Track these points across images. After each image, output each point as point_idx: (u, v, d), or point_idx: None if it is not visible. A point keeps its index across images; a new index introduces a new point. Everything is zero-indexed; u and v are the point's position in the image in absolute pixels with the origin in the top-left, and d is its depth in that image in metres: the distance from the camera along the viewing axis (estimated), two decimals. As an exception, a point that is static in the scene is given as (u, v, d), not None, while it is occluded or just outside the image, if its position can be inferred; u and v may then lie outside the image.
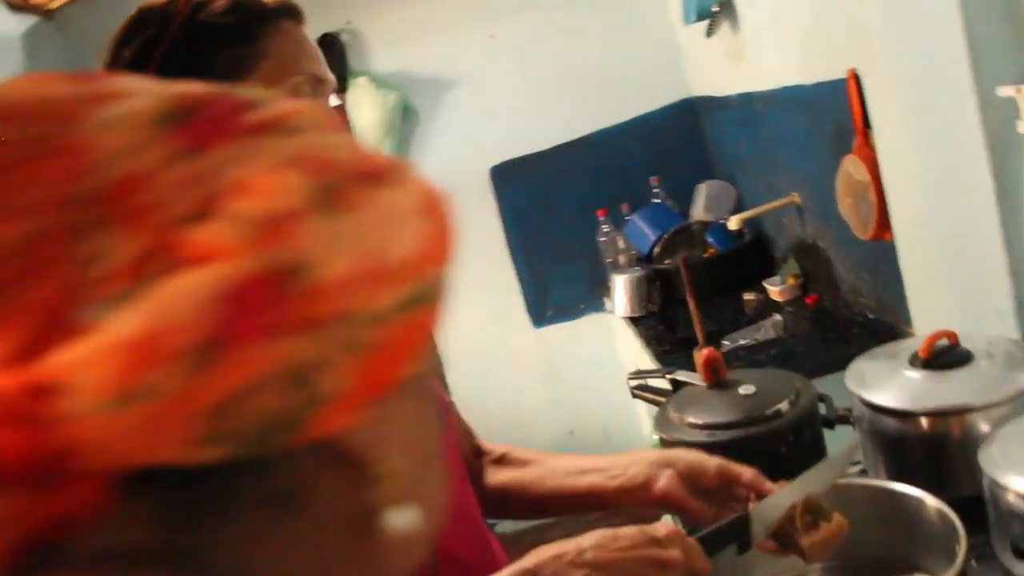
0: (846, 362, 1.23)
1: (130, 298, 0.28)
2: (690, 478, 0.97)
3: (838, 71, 1.78)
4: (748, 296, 2.61)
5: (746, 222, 2.66)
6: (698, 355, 1.25)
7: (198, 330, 0.28)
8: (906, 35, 1.46)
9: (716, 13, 2.55)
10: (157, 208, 0.30)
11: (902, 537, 0.98)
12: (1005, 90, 1.25)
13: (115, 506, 0.31)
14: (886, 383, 1.14)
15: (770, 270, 2.69)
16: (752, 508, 0.90)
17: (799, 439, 1.14)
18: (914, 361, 1.14)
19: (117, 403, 0.28)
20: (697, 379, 1.24)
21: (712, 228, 2.87)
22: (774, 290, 2.51)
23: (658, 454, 1.01)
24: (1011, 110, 1.25)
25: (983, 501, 0.96)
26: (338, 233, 0.31)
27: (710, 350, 1.20)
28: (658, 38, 3.24)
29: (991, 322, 1.37)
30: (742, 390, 1.17)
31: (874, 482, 1.03)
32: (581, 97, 3.32)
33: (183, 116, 0.33)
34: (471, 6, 3.27)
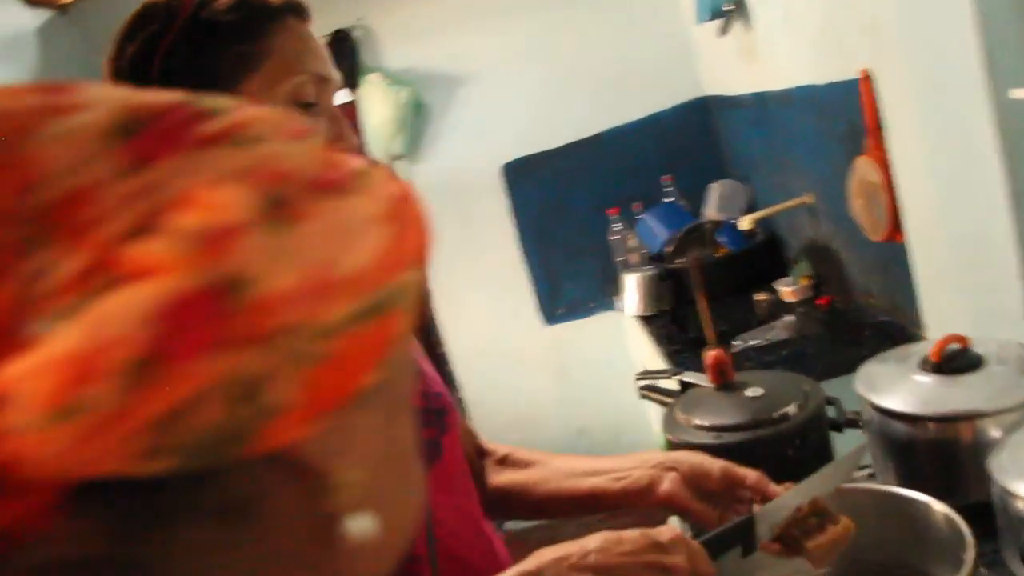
0: (857, 364, 1.22)
1: (73, 313, 0.29)
2: (694, 481, 0.97)
3: (851, 71, 1.76)
4: (760, 297, 2.60)
5: (758, 222, 2.65)
6: (707, 356, 1.24)
7: (135, 346, 0.29)
8: (920, 36, 1.45)
9: (729, 12, 2.54)
10: (100, 223, 0.30)
11: (909, 543, 0.97)
12: (1019, 92, 1.23)
13: (62, 518, 0.31)
14: (896, 387, 1.13)
15: (782, 271, 2.68)
16: (757, 511, 0.89)
17: (806, 442, 1.13)
18: (924, 365, 1.13)
19: (55, 418, 0.28)
20: (705, 380, 1.23)
21: (724, 228, 2.86)
22: (786, 291, 2.50)
23: (662, 456, 1.00)
24: (1025, 112, 1.24)
25: (993, 508, 0.95)
26: (282, 247, 0.31)
27: (718, 352, 1.20)
28: (671, 36, 3.23)
29: (1004, 326, 1.35)
30: (749, 392, 1.16)
31: (881, 487, 1.02)
32: (594, 95, 3.31)
33: (133, 129, 0.33)
34: (483, 3, 3.26)
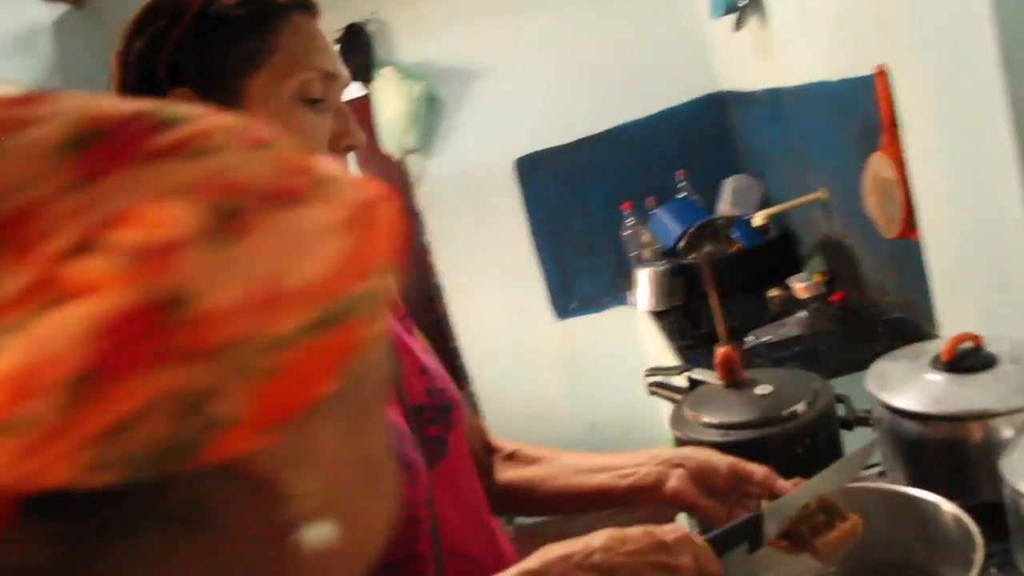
0: (870, 361, 1.21)
1: (17, 330, 0.29)
2: (701, 477, 0.96)
3: (866, 67, 1.75)
4: (773, 292, 2.59)
5: (772, 218, 2.63)
6: (716, 353, 1.23)
7: (76, 362, 0.29)
8: (935, 31, 1.43)
9: (744, 7, 2.52)
10: (46, 240, 0.31)
11: (918, 542, 0.97)
12: (1036, 88, 1.22)
13: (15, 528, 0.31)
14: (907, 385, 1.12)
15: (796, 267, 2.66)
16: (765, 507, 0.88)
17: (815, 440, 1.12)
18: (936, 364, 1.12)
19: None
20: (714, 377, 1.22)
21: (737, 223, 2.84)
22: (799, 287, 2.48)
23: (670, 453, 1.00)
24: (1042, 109, 1.22)
25: (1003, 508, 0.94)
26: (226, 261, 0.32)
27: (726, 349, 1.19)
28: (685, 31, 3.22)
29: (1018, 324, 1.34)
30: (758, 390, 1.16)
31: (890, 486, 1.01)
32: (607, 90, 3.30)
33: (86, 142, 0.33)
34: (498, -3, 3.26)
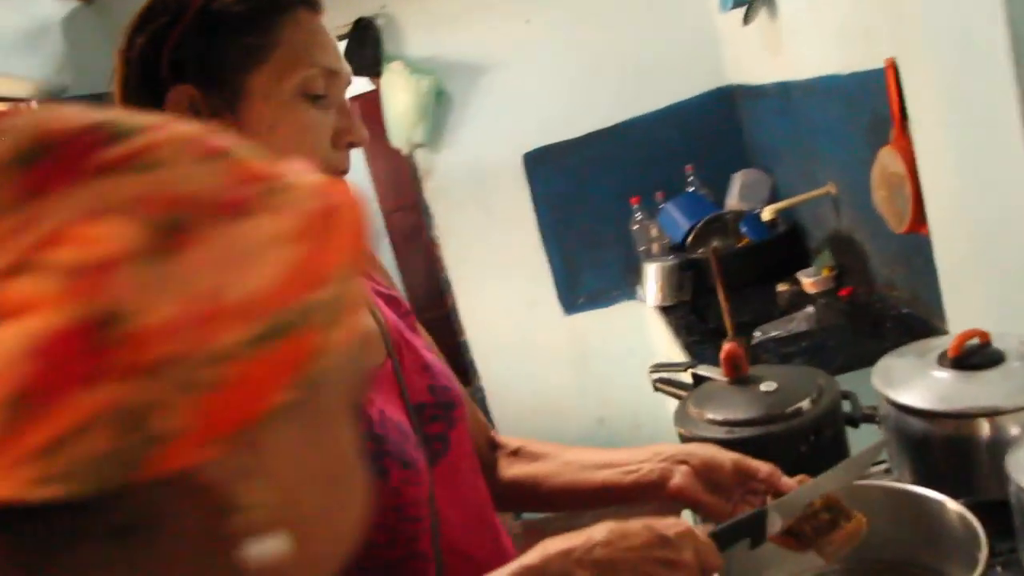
0: (878, 357, 1.20)
1: None
2: (706, 474, 0.96)
3: (876, 61, 1.74)
4: (781, 287, 2.58)
5: (781, 213, 2.62)
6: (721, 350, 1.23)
7: (13, 382, 0.30)
8: (946, 25, 1.42)
9: (753, 0, 2.51)
10: None
11: (923, 541, 0.96)
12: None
13: None
14: (913, 382, 1.11)
15: (804, 261, 2.65)
16: (769, 503, 0.88)
17: (820, 438, 1.11)
18: (943, 360, 1.11)
19: None
20: (719, 374, 1.22)
21: (746, 218, 2.83)
22: (808, 282, 2.48)
23: (674, 449, 1.00)
24: (1052, 104, 1.21)
25: (1010, 506, 0.94)
26: (163, 277, 0.32)
27: (731, 346, 1.19)
28: (695, 25, 3.20)
29: (1027, 321, 1.33)
30: (763, 387, 1.15)
31: (895, 484, 1.01)
32: (617, 84, 3.29)
33: (34, 158, 0.33)
34: (506, -9, 3.25)
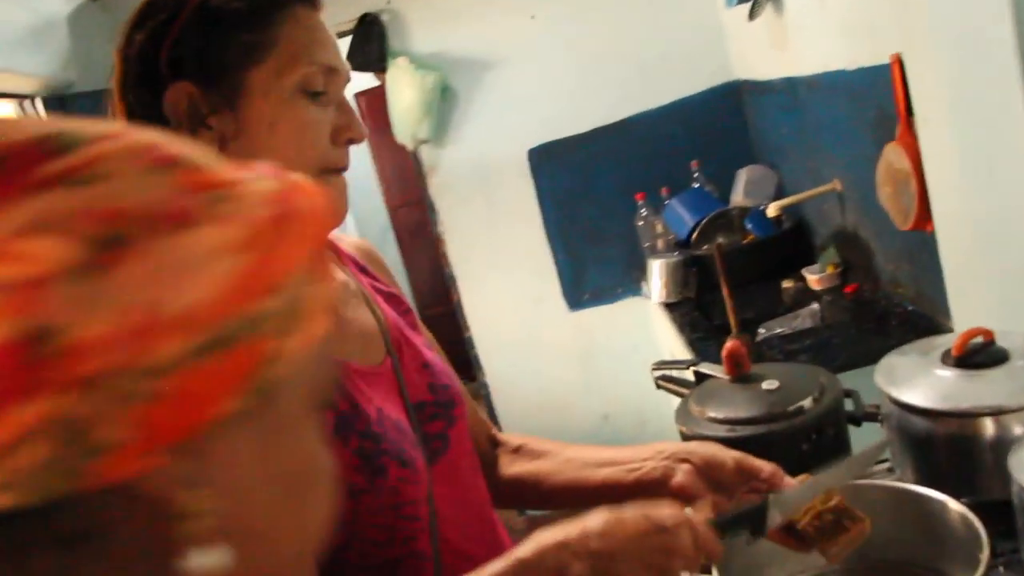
0: (883, 354, 1.19)
1: None
2: (708, 473, 0.95)
3: (882, 56, 1.73)
4: (786, 284, 2.57)
5: (786, 209, 2.61)
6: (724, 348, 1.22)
7: None
8: (952, 21, 1.41)
9: (759, -5, 2.50)
10: None
11: (925, 541, 0.96)
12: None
13: None
14: (916, 381, 1.10)
15: (809, 258, 2.64)
16: (771, 496, 0.88)
17: (822, 437, 1.11)
18: (947, 359, 1.10)
19: None
20: (721, 372, 1.22)
21: (751, 214, 2.83)
22: (813, 278, 2.47)
23: (676, 447, 0.99)
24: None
25: (1012, 506, 0.93)
26: (96, 293, 0.32)
27: (733, 343, 1.18)
28: (701, 20, 3.19)
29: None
30: (765, 385, 1.15)
31: (896, 484, 1.00)
32: (622, 79, 3.28)
33: None
34: (511, -13, 3.24)
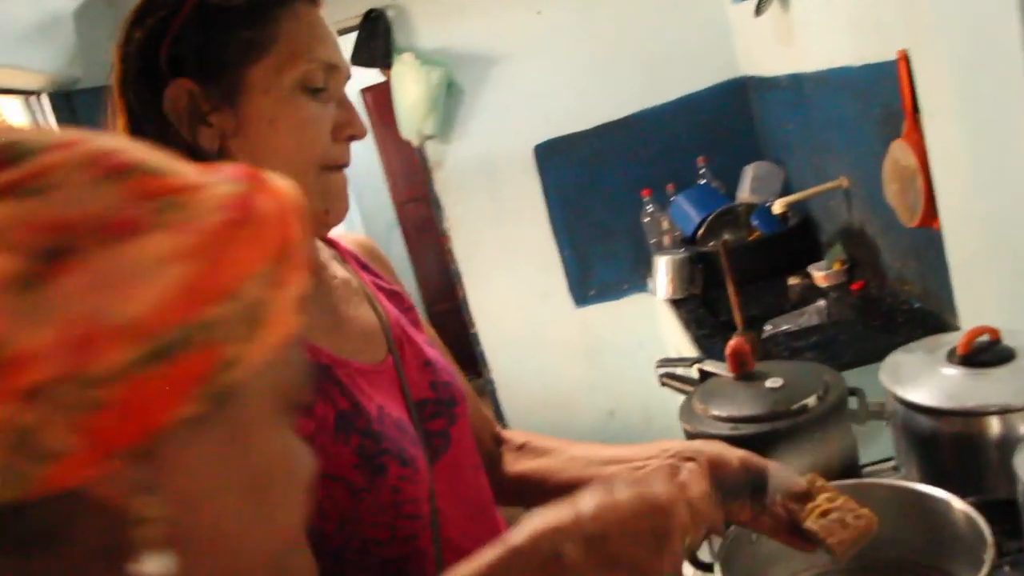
0: (889, 352, 1.19)
1: None
2: (713, 472, 0.95)
3: (888, 53, 1.72)
4: (792, 281, 2.57)
5: (793, 205, 2.60)
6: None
7: None
8: (959, 17, 1.40)
9: (766, -10, 2.49)
10: None
11: (930, 540, 0.95)
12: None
13: None
14: (922, 379, 1.10)
15: (816, 255, 2.63)
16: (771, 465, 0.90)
17: (826, 435, 1.11)
18: (952, 357, 1.10)
19: None
20: (725, 369, 1.21)
21: (758, 211, 2.82)
22: (819, 275, 2.46)
23: (682, 446, 0.99)
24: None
25: (1018, 506, 0.93)
26: (36, 305, 0.33)
27: (737, 341, 1.18)
28: (707, 16, 3.18)
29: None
30: (769, 383, 1.14)
31: (901, 483, 1.00)
32: (628, 75, 3.27)
33: None
34: (518, -18, 3.23)
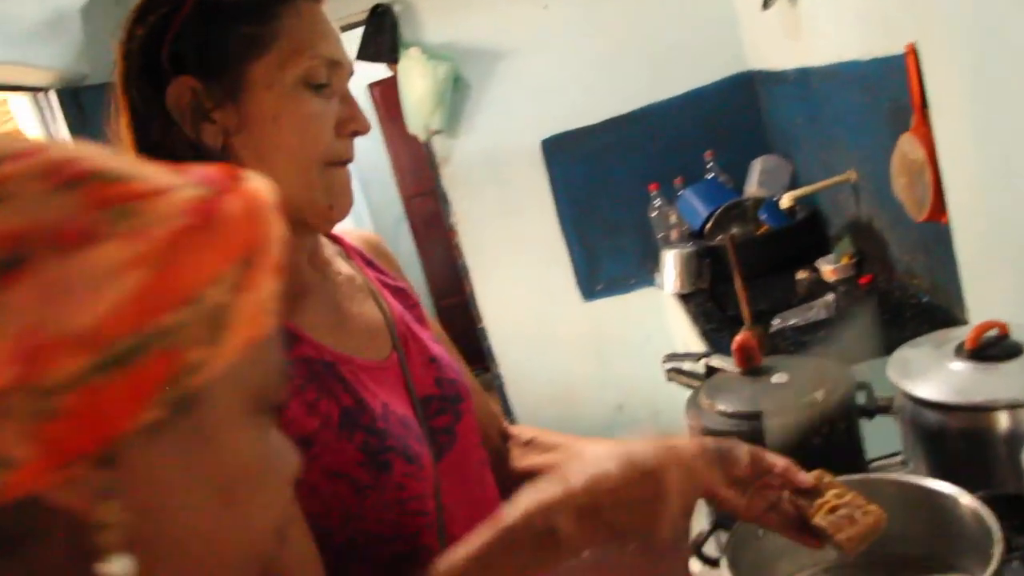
0: (898, 346, 1.19)
1: None
2: (721, 467, 0.95)
3: (896, 46, 1.71)
4: (800, 275, 2.56)
5: (800, 199, 2.59)
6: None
7: None
8: (968, 10, 1.39)
9: (774, -16, 2.48)
10: None
11: (938, 535, 0.95)
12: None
13: None
14: (929, 374, 1.10)
15: (824, 249, 2.63)
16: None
17: (833, 430, 1.11)
18: (960, 352, 1.09)
19: None
20: (731, 364, 1.21)
21: (766, 205, 2.81)
22: (827, 269, 2.45)
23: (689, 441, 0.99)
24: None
25: (1026, 501, 0.93)
26: None
27: (744, 336, 1.17)
28: (714, 10, 3.16)
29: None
30: (775, 378, 1.14)
31: (908, 478, 0.99)
32: (635, 70, 3.26)
33: None
34: (524, -24, 3.22)
